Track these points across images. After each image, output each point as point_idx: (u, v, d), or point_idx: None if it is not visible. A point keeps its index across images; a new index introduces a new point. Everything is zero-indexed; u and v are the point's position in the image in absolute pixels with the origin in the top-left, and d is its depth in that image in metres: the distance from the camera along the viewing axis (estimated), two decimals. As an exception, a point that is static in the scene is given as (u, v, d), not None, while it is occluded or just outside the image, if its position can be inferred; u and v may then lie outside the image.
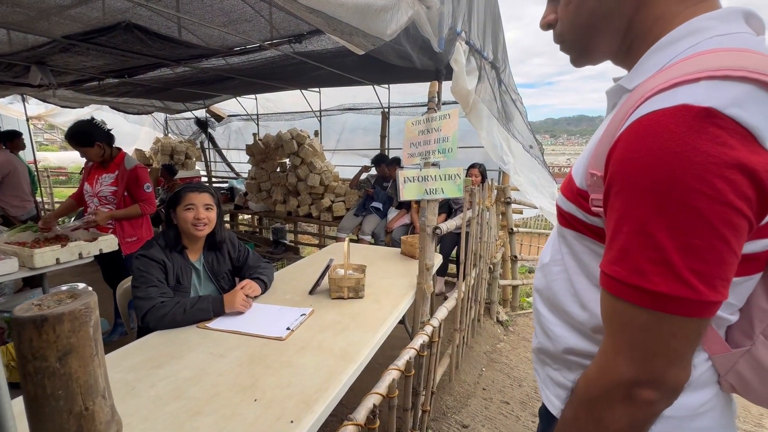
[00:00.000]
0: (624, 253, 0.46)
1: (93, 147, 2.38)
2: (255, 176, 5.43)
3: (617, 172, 0.46)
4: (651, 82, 0.47)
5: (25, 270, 1.97)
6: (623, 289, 0.46)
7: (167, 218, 1.62)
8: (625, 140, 0.45)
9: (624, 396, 0.47)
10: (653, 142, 0.42)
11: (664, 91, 0.43)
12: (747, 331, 0.53)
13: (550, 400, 0.69)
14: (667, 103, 0.42)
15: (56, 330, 0.37)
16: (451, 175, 1.69)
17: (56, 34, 2.74)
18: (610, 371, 0.48)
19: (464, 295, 2.20)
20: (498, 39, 2.71)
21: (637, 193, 0.44)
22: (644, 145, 0.43)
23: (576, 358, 0.63)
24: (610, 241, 0.48)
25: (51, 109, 6.47)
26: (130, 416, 0.94)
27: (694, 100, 0.40)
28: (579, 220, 0.58)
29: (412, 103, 4.89)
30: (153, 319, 1.37)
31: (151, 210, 2.58)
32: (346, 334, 1.38)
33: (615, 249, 0.47)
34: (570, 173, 0.60)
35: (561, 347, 0.65)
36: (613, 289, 0.47)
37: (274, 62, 3.42)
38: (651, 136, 0.42)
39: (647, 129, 0.43)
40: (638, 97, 0.46)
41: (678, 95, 0.42)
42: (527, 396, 2.31)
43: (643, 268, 0.44)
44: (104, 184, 2.46)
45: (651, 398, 0.46)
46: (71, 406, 0.39)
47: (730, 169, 0.39)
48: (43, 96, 5.08)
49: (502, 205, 3.58)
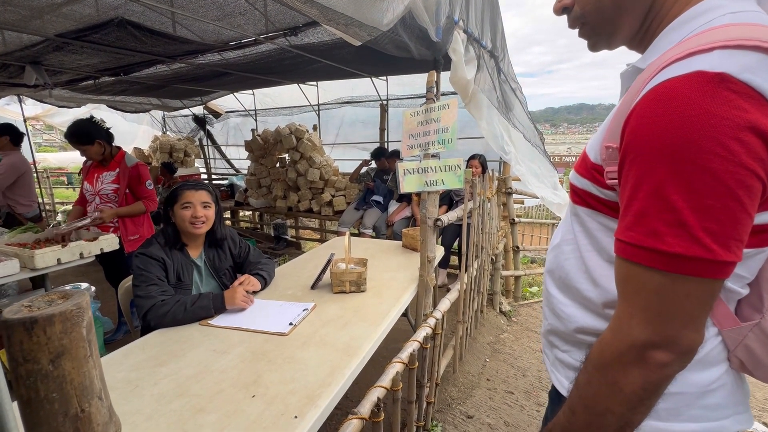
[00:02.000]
0: (639, 217, 0.46)
1: (93, 145, 2.37)
2: (254, 172, 5.41)
3: (633, 139, 0.47)
4: (665, 55, 0.47)
5: (27, 271, 1.97)
6: (638, 253, 0.46)
7: (166, 216, 1.61)
8: (640, 108, 0.46)
9: (637, 358, 0.47)
10: (668, 108, 0.43)
11: (679, 61, 0.44)
12: (756, 305, 0.54)
13: (560, 381, 0.69)
14: (682, 70, 0.43)
15: (47, 332, 0.36)
16: (451, 166, 1.67)
17: (49, 32, 2.71)
18: (623, 334, 0.48)
19: (467, 287, 2.19)
20: (496, 27, 2.67)
21: (651, 158, 0.44)
22: (659, 110, 0.43)
23: (587, 337, 0.63)
24: (625, 209, 0.48)
25: (48, 109, 6.44)
26: (134, 415, 0.94)
27: (709, 66, 0.41)
28: (593, 195, 0.59)
29: (411, 94, 4.84)
30: (154, 317, 1.37)
31: (153, 207, 2.59)
32: (348, 328, 1.37)
33: (630, 215, 0.47)
34: (584, 151, 0.61)
35: (572, 327, 0.65)
36: (627, 253, 0.48)
37: (270, 56, 3.39)
38: (665, 101, 0.43)
39: (662, 95, 0.44)
40: (652, 69, 0.47)
41: (692, 63, 0.43)
42: (531, 386, 2.32)
43: (658, 230, 0.44)
44: (105, 182, 2.45)
45: (664, 360, 0.46)
46: (66, 409, 0.38)
47: (743, 132, 0.40)
48: (39, 96, 5.04)
49: (503, 196, 3.56)
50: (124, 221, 2.50)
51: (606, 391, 0.51)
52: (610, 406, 0.50)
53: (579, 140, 65.05)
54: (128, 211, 2.49)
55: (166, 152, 6.59)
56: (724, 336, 0.55)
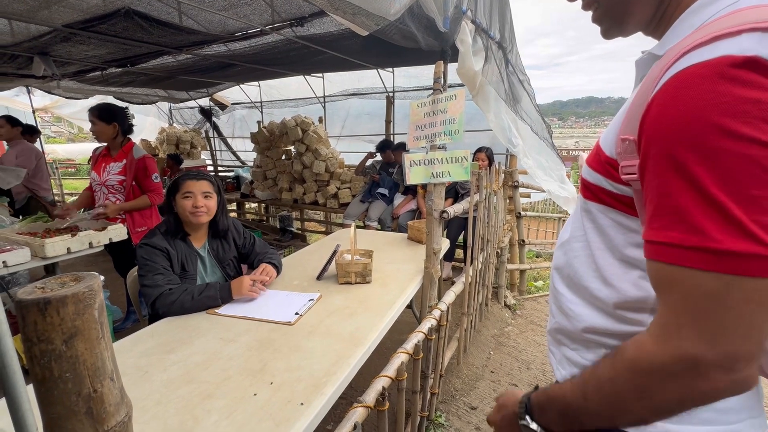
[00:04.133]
0: (675, 215, 0.42)
1: (109, 125, 2.39)
2: (260, 164, 5.43)
3: (656, 132, 0.43)
4: (685, 41, 0.45)
5: (37, 260, 2.00)
6: (681, 254, 0.41)
7: (168, 206, 1.62)
8: (663, 97, 0.43)
9: (686, 373, 0.42)
10: (695, 95, 0.40)
11: (703, 46, 0.41)
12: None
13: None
14: (707, 56, 0.40)
15: (60, 313, 0.37)
16: (457, 157, 1.66)
17: (57, 23, 2.72)
18: (671, 346, 0.43)
19: (472, 280, 2.19)
20: (505, 18, 2.63)
21: (682, 151, 0.41)
22: (685, 99, 0.41)
23: (595, 337, 0.62)
24: (656, 207, 0.45)
25: (56, 100, 6.50)
26: (144, 400, 0.96)
27: (738, 50, 0.39)
28: (606, 191, 0.57)
29: (418, 86, 4.81)
30: (162, 306, 1.39)
31: (159, 200, 2.55)
32: (354, 318, 1.38)
33: (663, 214, 0.43)
34: (597, 144, 0.59)
35: (580, 326, 0.64)
36: (667, 256, 0.43)
37: (276, 47, 3.38)
38: (693, 88, 0.40)
39: (687, 83, 0.41)
40: (672, 55, 0.44)
41: (719, 48, 0.40)
42: (535, 378, 2.32)
43: (702, 226, 0.40)
44: (112, 173, 2.45)
45: (719, 382, 0.42)
46: (80, 389, 0.39)
47: None
48: (47, 87, 5.08)
49: (510, 189, 3.54)
50: (131, 214, 2.51)
51: (632, 396, 0.47)
52: (632, 407, 0.47)
53: (587, 134, 64.16)
54: (132, 205, 2.48)
55: (173, 144, 6.62)
56: None
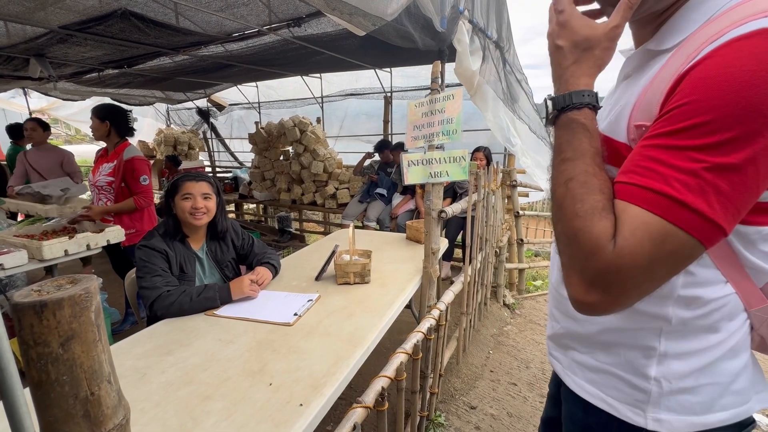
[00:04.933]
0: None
1: (102, 123, 2.36)
2: (258, 165, 5.42)
3: (688, 90, 0.43)
4: (707, 29, 0.46)
5: (35, 262, 1.99)
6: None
7: (167, 207, 1.62)
8: (702, 67, 0.43)
9: (594, 261, 0.46)
10: (736, 61, 0.40)
11: (738, 26, 0.42)
12: None
13: (580, 385, 0.66)
14: (747, 30, 0.41)
15: (57, 315, 0.36)
16: (455, 157, 1.66)
17: (53, 24, 2.70)
18: (603, 250, 0.46)
19: (470, 279, 2.20)
20: (502, 17, 2.63)
21: (702, 106, 0.42)
22: (727, 64, 0.41)
23: (614, 337, 0.61)
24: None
25: (53, 102, 6.47)
26: (143, 401, 0.95)
27: None
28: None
29: (415, 86, 4.81)
30: (160, 307, 1.39)
31: (146, 204, 2.47)
32: (353, 318, 1.38)
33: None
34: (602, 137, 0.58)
35: (595, 329, 0.63)
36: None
37: (273, 48, 3.37)
38: (733, 56, 0.41)
39: (728, 52, 0.42)
40: (700, 43, 0.45)
41: (759, 23, 0.41)
42: (534, 377, 2.32)
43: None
44: (102, 173, 2.42)
45: (596, 298, 0.47)
46: (77, 391, 0.39)
47: None
48: (44, 89, 5.06)
49: (508, 189, 3.54)
50: (120, 216, 2.45)
51: (562, 209, 0.51)
52: (559, 217, 0.52)
53: (585, 133, 64.09)
54: (118, 208, 2.41)
55: (171, 145, 6.61)
56: (751, 316, 0.55)
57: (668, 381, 0.56)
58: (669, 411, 0.56)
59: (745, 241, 0.50)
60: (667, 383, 0.56)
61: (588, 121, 0.52)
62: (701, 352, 0.55)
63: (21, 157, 3.34)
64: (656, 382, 0.56)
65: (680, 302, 0.54)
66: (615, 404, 0.61)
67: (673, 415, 0.56)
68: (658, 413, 0.57)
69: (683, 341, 0.55)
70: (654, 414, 0.57)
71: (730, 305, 0.53)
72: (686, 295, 0.53)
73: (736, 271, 0.52)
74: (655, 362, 0.56)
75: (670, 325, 0.55)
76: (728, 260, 0.51)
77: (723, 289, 0.53)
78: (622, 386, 0.60)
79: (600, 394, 0.63)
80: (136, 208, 2.44)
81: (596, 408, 0.63)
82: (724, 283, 0.53)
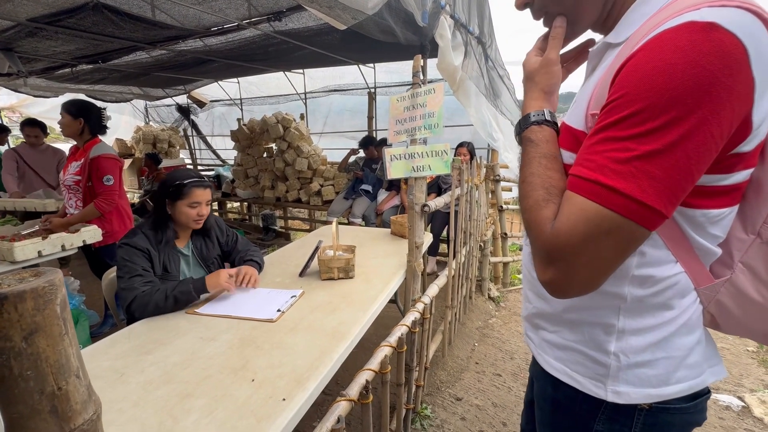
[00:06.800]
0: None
1: (75, 120, 2.23)
2: (241, 162, 5.34)
3: (623, 83, 0.48)
4: (649, 22, 0.50)
5: (6, 264, 1.92)
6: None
7: (161, 208, 1.56)
8: (634, 60, 0.47)
9: (542, 243, 0.53)
10: (660, 53, 0.45)
11: (669, 19, 0.46)
12: (727, 262, 0.57)
13: (549, 363, 0.69)
14: (674, 24, 0.45)
15: (18, 309, 0.35)
16: (438, 151, 1.67)
17: (21, 16, 2.60)
18: (552, 233, 0.52)
19: (455, 273, 2.22)
20: (484, 13, 2.65)
21: (633, 97, 0.46)
22: (653, 57, 0.45)
23: (577, 315, 0.64)
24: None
25: (24, 99, 6.22)
26: (120, 402, 0.93)
27: (699, 17, 0.43)
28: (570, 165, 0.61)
29: (399, 82, 4.80)
30: (137, 308, 1.35)
31: (108, 207, 2.28)
32: (336, 313, 1.38)
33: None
34: (564, 125, 0.63)
35: (560, 307, 0.66)
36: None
37: (254, 42, 3.31)
38: (658, 49, 0.45)
39: (655, 45, 0.45)
40: (641, 36, 0.49)
41: (683, 17, 0.45)
42: (518, 368, 2.37)
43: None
44: (70, 172, 2.32)
45: (554, 275, 0.52)
46: (42, 386, 0.38)
47: (726, 78, 0.42)
48: (13, 85, 4.85)
49: (492, 183, 3.58)
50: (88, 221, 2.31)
51: (525, 197, 0.59)
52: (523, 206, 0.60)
53: (566, 129, 65.41)
54: (79, 218, 2.25)
55: (150, 143, 6.44)
56: (699, 294, 0.58)
57: (626, 355, 0.59)
58: (627, 384, 0.59)
59: (693, 223, 0.54)
60: (625, 357, 0.59)
61: (533, 135, 0.62)
62: (656, 328, 0.58)
63: (11, 155, 3.22)
64: (615, 356, 0.60)
65: (635, 281, 0.57)
66: (579, 379, 0.64)
67: (631, 387, 0.59)
68: (617, 386, 0.60)
69: (639, 318, 0.58)
70: (613, 387, 0.60)
71: (681, 283, 0.57)
72: (640, 275, 0.57)
73: (685, 251, 0.55)
74: (615, 338, 0.60)
75: (626, 302, 0.58)
76: (678, 241, 0.55)
77: (673, 269, 0.56)
78: (585, 361, 0.63)
79: (566, 369, 0.66)
80: (99, 214, 2.27)
81: (563, 383, 0.66)
82: (674, 262, 0.56)
